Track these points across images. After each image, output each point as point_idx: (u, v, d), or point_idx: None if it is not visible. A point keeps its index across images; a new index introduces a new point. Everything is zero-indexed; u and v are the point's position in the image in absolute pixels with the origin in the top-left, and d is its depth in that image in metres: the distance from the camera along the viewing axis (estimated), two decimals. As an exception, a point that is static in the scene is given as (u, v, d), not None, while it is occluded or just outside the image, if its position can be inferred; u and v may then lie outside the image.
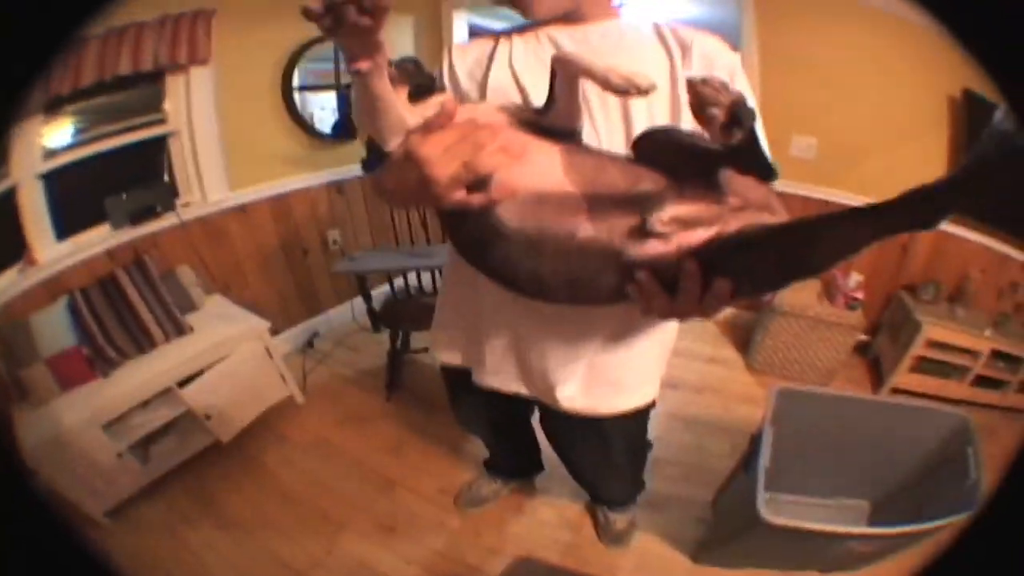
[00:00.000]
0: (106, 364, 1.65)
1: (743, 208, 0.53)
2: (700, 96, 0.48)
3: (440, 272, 1.97)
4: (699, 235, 0.52)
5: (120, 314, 1.72)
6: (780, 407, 1.29)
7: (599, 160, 0.60)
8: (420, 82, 0.64)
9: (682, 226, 0.52)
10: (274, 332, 2.12)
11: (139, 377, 1.64)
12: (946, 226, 2.37)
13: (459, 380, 1.00)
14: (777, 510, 1.07)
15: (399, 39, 2.75)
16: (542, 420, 1.22)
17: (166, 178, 2.07)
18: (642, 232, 0.53)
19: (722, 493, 1.56)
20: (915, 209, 0.41)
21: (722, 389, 2.23)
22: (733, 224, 0.52)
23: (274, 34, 2.22)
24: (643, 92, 0.51)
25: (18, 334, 1.56)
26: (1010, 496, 0.35)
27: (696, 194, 0.54)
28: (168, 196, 2.02)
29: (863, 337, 2.56)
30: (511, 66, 0.74)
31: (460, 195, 0.54)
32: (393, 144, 0.58)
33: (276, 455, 1.82)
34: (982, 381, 2.24)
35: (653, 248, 0.53)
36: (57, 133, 1.78)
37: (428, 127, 0.54)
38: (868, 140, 2.40)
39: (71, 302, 1.68)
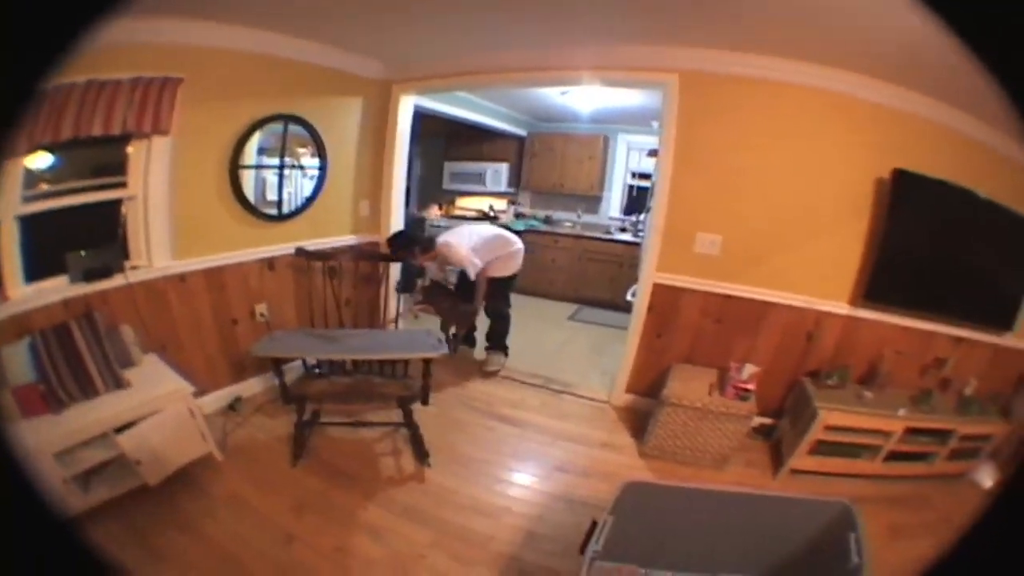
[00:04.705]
0: (58, 403, 1.78)
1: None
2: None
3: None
4: None
5: (70, 362, 1.85)
6: (624, 498, 1.40)
7: None
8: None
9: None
10: (200, 394, 2.24)
11: (83, 419, 1.77)
12: (857, 311, 2.44)
13: None
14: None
15: (349, 117, 3.00)
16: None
17: (119, 240, 2.18)
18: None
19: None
20: None
21: (611, 473, 2.27)
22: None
23: (228, 110, 2.36)
24: None
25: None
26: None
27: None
28: (119, 258, 2.15)
29: (765, 421, 2.56)
30: None
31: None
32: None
33: (196, 504, 1.95)
34: (899, 456, 2.24)
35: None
36: (34, 180, 1.92)
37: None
38: (773, 238, 2.45)
39: (32, 343, 1.81)
